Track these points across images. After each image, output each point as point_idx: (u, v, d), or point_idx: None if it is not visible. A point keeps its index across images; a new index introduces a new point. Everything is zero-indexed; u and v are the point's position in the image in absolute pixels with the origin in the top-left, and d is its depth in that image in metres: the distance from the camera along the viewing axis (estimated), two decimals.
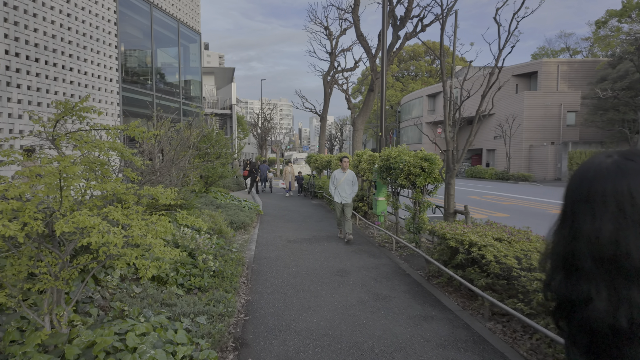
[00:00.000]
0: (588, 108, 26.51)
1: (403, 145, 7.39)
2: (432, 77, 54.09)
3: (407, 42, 10.40)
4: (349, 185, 7.26)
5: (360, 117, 11.25)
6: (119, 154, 2.87)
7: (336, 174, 7.44)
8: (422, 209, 6.47)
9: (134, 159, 2.89)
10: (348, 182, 7.27)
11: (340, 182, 7.25)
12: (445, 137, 5.34)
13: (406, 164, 6.32)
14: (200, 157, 9.97)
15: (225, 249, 5.68)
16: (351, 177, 7.32)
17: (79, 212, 1.82)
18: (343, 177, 7.29)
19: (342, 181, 7.25)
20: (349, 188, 7.25)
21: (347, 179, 7.28)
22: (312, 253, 6.28)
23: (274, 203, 13.50)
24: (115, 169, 3.90)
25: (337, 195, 7.29)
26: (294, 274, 5.14)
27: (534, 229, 4.66)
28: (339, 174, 7.40)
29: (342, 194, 7.23)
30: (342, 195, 7.23)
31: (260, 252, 6.27)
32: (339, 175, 7.36)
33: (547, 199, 14.58)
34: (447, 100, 5.38)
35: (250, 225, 8.43)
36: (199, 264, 4.40)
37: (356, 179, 7.38)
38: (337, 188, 7.27)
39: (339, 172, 7.47)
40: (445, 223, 5.09)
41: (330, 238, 7.48)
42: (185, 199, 6.33)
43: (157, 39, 15.52)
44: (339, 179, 7.31)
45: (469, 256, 4.17)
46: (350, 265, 5.60)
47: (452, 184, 5.27)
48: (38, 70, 9.53)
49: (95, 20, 11.57)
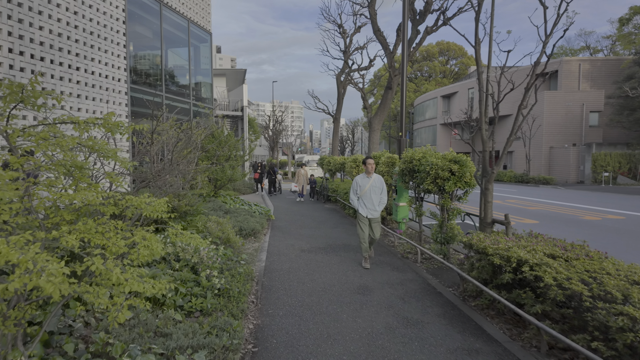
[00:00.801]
0: (613, 108, 25.32)
1: (427, 146, 6.75)
2: (446, 77, 53.04)
3: (427, 36, 9.77)
4: (377, 194, 5.68)
5: (376, 117, 10.63)
6: (103, 154, 2.34)
7: (359, 180, 5.78)
8: (451, 217, 5.82)
9: (118, 159, 2.35)
10: (375, 190, 5.66)
11: (364, 191, 5.65)
12: (481, 137, 4.69)
13: (433, 167, 5.68)
14: (208, 159, 9.50)
15: (232, 261, 5.12)
16: (379, 184, 5.71)
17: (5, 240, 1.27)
18: (368, 183, 5.66)
19: (368, 189, 5.65)
20: (376, 197, 5.68)
21: (374, 186, 5.66)
22: (329, 265, 5.68)
23: (286, 207, 12.95)
24: (98, 174, 3.39)
25: (362, 207, 5.69)
26: (310, 291, 4.54)
27: (576, 239, 3.98)
28: (363, 179, 5.77)
29: (369, 206, 5.65)
30: (369, 207, 5.65)
31: (271, 264, 5.70)
32: (363, 182, 5.74)
33: (576, 204, 13.67)
34: (482, 94, 4.74)
35: (261, 232, 7.89)
36: (202, 281, 3.85)
37: (385, 185, 5.77)
38: (362, 198, 5.69)
39: (362, 177, 5.80)
40: (482, 235, 4.43)
41: (347, 247, 6.87)
42: (191, 204, 5.82)
43: (167, 39, 15.19)
44: (363, 186, 5.70)
45: (518, 276, 3.52)
46: (372, 280, 4.98)
47: (490, 189, 4.61)
48: (43, 70, 9.20)
49: (104, 18, 11.24)
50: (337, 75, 17.07)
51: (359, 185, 5.76)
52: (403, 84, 7.49)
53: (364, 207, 5.70)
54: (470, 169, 5.55)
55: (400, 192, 7.44)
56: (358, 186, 5.77)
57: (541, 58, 4.22)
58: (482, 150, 4.71)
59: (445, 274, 5.36)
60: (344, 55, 16.09)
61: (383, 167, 8.58)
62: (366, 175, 5.79)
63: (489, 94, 4.64)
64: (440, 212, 5.88)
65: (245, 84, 28.50)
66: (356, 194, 5.79)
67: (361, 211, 5.68)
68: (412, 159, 6.44)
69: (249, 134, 27.75)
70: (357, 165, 12.24)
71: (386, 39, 10.26)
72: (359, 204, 5.73)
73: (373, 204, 5.66)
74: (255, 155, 49.61)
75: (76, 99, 10.00)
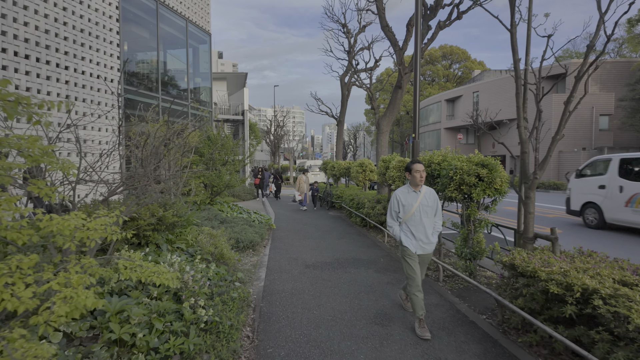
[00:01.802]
0: (625, 111, 24.56)
1: (447, 148, 6.03)
2: (449, 81, 52.46)
3: (439, 31, 9.08)
4: (429, 217, 3.73)
5: (385, 118, 9.92)
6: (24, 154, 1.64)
7: (400, 196, 3.78)
8: (478, 229, 5.07)
9: (50, 161, 1.64)
10: (427, 211, 3.73)
11: (411, 212, 3.69)
12: (519, 136, 3.96)
13: (457, 171, 4.95)
14: (204, 163, 8.79)
15: (226, 281, 4.38)
16: (431, 201, 3.77)
17: None
18: (416, 201, 3.70)
19: (416, 209, 3.69)
20: (429, 222, 3.73)
21: (425, 205, 3.73)
22: (338, 285, 4.92)
23: (287, 214, 12.20)
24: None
25: (408, 238, 3.73)
26: (317, 320, 3.79)
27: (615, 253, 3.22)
28: (407, 195, 3.77)
29: (419, 235, 3.69)
30: (419, 237, 3.69)
31: (271, 284, 4.94)
32: (407, 198, 3.75)
33: None
34: (520, 87, 4.01)
35: (260, 243, 7.14)
36: (184, 312, 3.11)
37: (439, 203, 3.87)
38: (407, 224, 3.73)
39: (405, 191, 3.80)
40: (525, 253, 3.68)
41: (356, 262, 6.11)
42: (179, 215, 5.08)
43: (163, 39, 14.57)
44: (408, 204, 3.72)
45: (584, 311, 2.77)
46: (390, 304, 4.22)
47: (531, 198, 3.87)
48: (28, 68, 8.54)
49: (95, 15, 10.60)
50: (341, 77, 16.40)
51: (402, 204, 3.73)
52: (416, 79, 6.78)
53: (411, 237, 3.70)
54: (501, 173, 4.82)
55: None
56: (400, 205, 3.74)
57: (596, 39, 3.50)
58: (521, 152, 3.98)
59: (474, 296, 4.60)
60: (348, 55, 15.42)
61: (394, 172, 7.85)
62: (412, 188, 3.75)
63: (530, 83, 3.92)
64: (465, 223, 5.13)
65: (246, 88, 27.92)
66: (397, 217, 3.79)
67: (408, 244, 3.70)
68: (431, 162, 5.71)
69: (250, 138, 27.09)
70: (364, 170, 11.52)
71: (395, 35, 9.59)
72: (403, 233, 3.76)
73: (425, 232, 3.67)
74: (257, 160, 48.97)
75: (65, 99, 9.33)
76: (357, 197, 10.46)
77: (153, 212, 4.51)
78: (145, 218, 4.31)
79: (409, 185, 3.80)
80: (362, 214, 9.48)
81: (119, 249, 4.09)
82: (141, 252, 4.04)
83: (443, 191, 5.25)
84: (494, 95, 33.34)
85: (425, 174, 3.88)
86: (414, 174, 3.74)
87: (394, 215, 3.85)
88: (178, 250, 4.95)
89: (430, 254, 3.86)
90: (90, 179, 3.20)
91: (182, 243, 5.13)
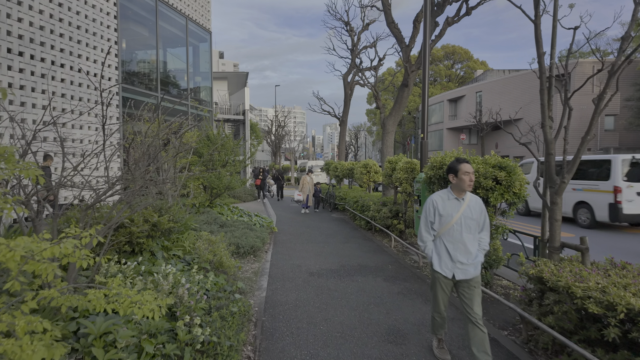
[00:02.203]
0: (632, 111, 24.21)
1: (459, 149, 5.71)
2: (452, 81, 52.11)
3: (447, 28, 8.76)
4: (472, 231, 2.91)
5: (391, 118, 9.59)
6: None
7: (438, 203, 2.96)
8: (495, 235, 4.75)
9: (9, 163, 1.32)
10: (470, 225, 2.90)
11: (450, 224, 2.89)
12: (545, 136, 3.64)
13: None
14: (203, 165, 8.48)
15: (225, 293, 4.06)
16: (476, 213, 2.93)
17: None
18: (458, 210, 2.90)
19: (457, 221, 2.89)
20: (471, 238, 2.90)
21: (469, 217, 2.90)
22: (345, 295, 4.60)
23: (289, 217, 11.87)
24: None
25: (440, 258, 2.95)
26: (324, 337, 3.47)
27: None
28: (447, 202, 2.95)
29: (456, 254, 2.89)
30: (455, 256, 2.89)
31: (274, 294, 4.62)
32: (447, 207, 2.94)
33: None
34: (544, 83, 3.69)
35: (262, 248, 6.82)
36: (179, 332, 2.79)
37: (487, 214, 3.01)
38: (443, 238, 2.94)
39: (444, 197, 2.98)
40: (554, 265, 3.36)
41: (363, 269, 5.79)
42: (176, 220, 4.77)
43: (163, 37, 14.27)
44: (447, 214, 2.91)
45: (632, 334, 2.44)
46: (402, 318, 3.90)
47: (558, 204, 3.54)
48: (22, 66, 8.24)
49: (92, 12, 10.31)
50: (344, 76, 16.08)
51: (439, 212, 2.91)
52: (425, 76, 6.46)
53: (446, 258, 2.90)
54: (520, 176, 4.51)
55: None
56: (436, 214, 2.93)
57: (631, 29, 3.18)
58: (546, 154, 3.65)
59: (492, 308, 4.28)
60: (351, 53, 15.11)
61: (401, 173, 7.53)
62: (453, 194, 2.92)
63: (556, 76, 3.59)
64: None
65: (247, 87, 27.61)
66: (431, 228, 2.98)
67: (439, 267, 2.91)
68: (443, 164, 5.38)
69: (251, 138, 26.79)
70: (368, 172, 11.19)
71: (401, 32, 9.27)
72: (436, 251, 2.96)
73: (466, 251, 2.85)
74: (257, 161, 48.67)
75: (60, 98, 9.03)
76: (361, 199, 10.13)
77: (147, 218, 4.19)
78: (139, 224, 3.99)
79: (450, 191, 2.95)
80: (367, 216, 9.15)
81: (109, 259, 3.77)
82: (133, 262, 3.73)
83: None
84: (497, 95, 33.00)
85: (471, 177, 2.88)
86: (461, 176, 2.84)
87: (429, 227, 2.97)
88: (174, 258, 4.63)
89: (477, 278, 2.86)
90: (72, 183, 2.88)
91: (179, 250, 4.82)
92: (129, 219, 3.89)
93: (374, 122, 58.75)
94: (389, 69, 51.79)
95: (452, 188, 2.96)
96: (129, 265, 3.52)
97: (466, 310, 2.84)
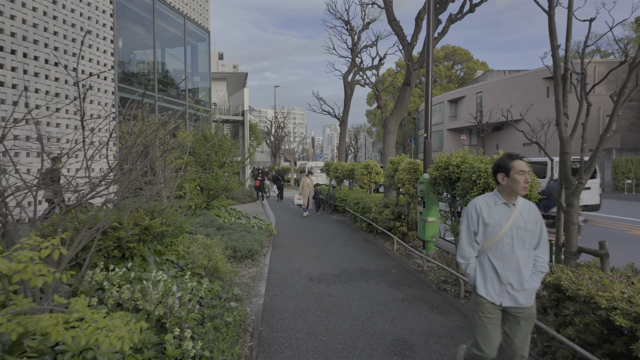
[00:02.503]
0: (634, 112, 24.04)
1: (465, 149, 5.49)
2: (452, 82, 51.97)
3: (450, 25, 8.56)
4: (526, 247, 2.27)
5: (392, 117, 9.37)
6: None
7: (482, 207, 2.34)
8: None
9: None
10: (524, 237, 2.26)
11: (499, 235, 2.26)
12: (559, 134, 3.42)
13: (481, 175, 4.41)
14: (200, 165, 8.25)
15: (220, 300, 3.84)
16: (533, 223, 2.29)
17: None
18: (509, 219, 2.27)
19: (507, 232, 2.26)
20: (525, 255, 2.26)
21: (522, 228, 2.27)
22: (347, 303, 4.37)
23: (288, 218, 11.64)
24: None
25: (484, 279, 2.31)
26: (326, 349, 3.23)
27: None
28: (494, 207, 2.32)
29: (506, 274, 2.24)
30: (506, 276, 2.24)
31: (272, 301, 4.39)
32: (495, 213, 2.31)
33: (610, 215, 12.30)
34: (559, 77, 3.47)
35: (260, 251, 6.58)
36: (167, 347, 2.56)
37: (544, 225, 2.34)
38: (489, 253, 2.30)
39: (491, 201, 2.35)
40: (572, 272, 3.13)
41: (365, 274, 5.56)
42: (169, 223, 4.54)
43: (160, 36, 14.06)
44: (495, 224, 2.29)
45: None
46: (408, 328, 3.67)
47: (575, 206, 3.32)
48: (15, 64, 8.03)
49: (88, 9, 10.10)
50: (344, 75, 15.87)
51: (484, 220, 2.32)
52: (429, 73, 6.24)
53: (493, 279, 2.29)
54: (532, 178, 4.28)
55: (430, 205, 6.15)
56: (480, 223, 2.33)
57: None
58: (561, 153, 3.44)
59: None
60: (351, 53, 14.91)
61: (404, 174, 7.31)
62: (502, 199, 2.32)
63: (574, 72, 3.38)
64: None
65: (247, 88, 27.41)
66: (474, 241, 2.36)
67: (484, 291, 2.29)
68: (449, 164, 5.16)
69: (250, 139, 26.57)
70: (369, 172, 10.97)
71: (403, 30, 9.07)
72: (480, 271, 2.34)
73: (519, 271, 2.24)
74: (257, 162, 48.43)
75: (54, 97, 8.82)
76: (362, 200, 9.91)
77: (137, 221, 3.96)
78: (128, 228, 3.76)
79: (498, 194, 2.33)
80: (369, 218, 8.93)
81: (95, 264, 3.54)
82: (122, 268, 3.50)
83: (464, 197, 4.71)
84: (498, 96, 32.82)
85: (530, 180, 2.42)
86: (514, 176, 2.23)
87: (473, 239, 2.34)
88: (167, 263, 4.41)
89: (530, 309, 2.25)
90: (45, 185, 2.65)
91: (173, 254, 4.59)
92: (117, 222, 3.66)
93: (373, 123, 58.60)
94: (388, 69, 51.67)
95: (499, 191, 2.34)
96: (117, 272, 3.29)
97: (509, 347, 2.28)
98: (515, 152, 2.40)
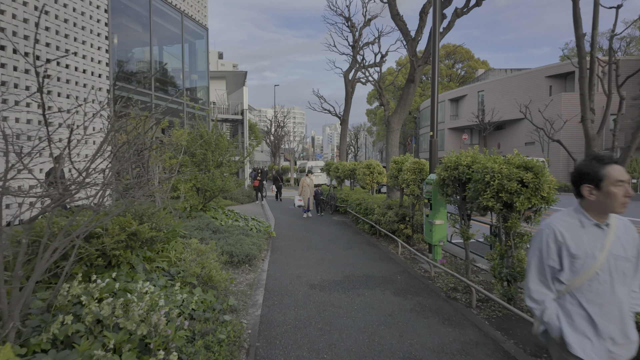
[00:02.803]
0: (639, 110, 23.71)
1: (475, 147, 5.18)
2: (452, 81, 51.65)
3: (456, 19, 8.25)
4: (627, 282, 1.65)
5: (396, 115, 9.06)
6: None
7: (565, 233, 1.67)
8: (519, 244, 4.22)
9: None
10: (623, 269, 1.63)
11: (593, 270, 1.62)
12: (585, 131, 3.11)
13: (495, 175, 4.10)
14: (196, 165, 7.94)
15: (214, 312, 3.53)
16: (632, 249, 1.67)
17: None
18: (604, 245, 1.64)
19: (603, 263, 1.62)
20: (625, 293, 1.64)
21: (621, 255, 1.64)
22: (351, 313, 4.06)
23: (288, 220, 11.33)
24: None
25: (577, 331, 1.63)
26: None
27: None
28: (581, 230, 1.67)
29: (606, 323, 1.60)
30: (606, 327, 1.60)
31: (270, 312, 4.08)
32: (584, 239, 1.65)
33: None
34: (584, 69, 3.16)
35: (258, 256, 6.28)
36: None
37: None
38: (579, 295, 1.65)
39: (576, 223, 1.69)
40: None
41: (370, 280, 5.25)
42: (159, 228, 4.22)
43: (157, 33, 13.74)
44: (585, 253, 1.64)
45: None
46: (418, 344, 3.36)
47: None
48: (4, 60, 7.71)
49: (81, 5, 9.77)
50: (345, 73, 15.57)
51: (569, 251, 1.66)
52: (435, 69, 5.93)
53: (590, 331, 1.63)
54: (549, 178, 3.99)
55: (437, 207, 5.84)
56: (565, 255, 1.68)
57: None
58: (587, 151, 3.12)
59: (518, 328, 3.74)
60: (352, 50, 14.60)
61: (408, 174, 7.00)
62: (591, 219, 1.68)
63: (604, 62, 3.07)
64: (504, 238, 4.28)
65: (246, 87, 27.08)
66: (551, 278, 1.72)
67: (582, 351, 1.61)
68: (458, 164, 4.85)
69: (250, 139, 26.25)
70: (372, 172, 10.66)
71: (406, 25, 8.75)
72: (567, 319, 1.67)
73: (622, 318, 1.62)
74: (257, 161, 48.11)
75: (46, 95, 8.49)
76: (364, 201, 9.60)
77: (124, 226, 3.65)
78: (113, 234, 3.45)
79: (583, 212, 1.70)
80: (372, 220, 8.62)
81: (76, 273, 3.23)
82: (106, 278, 3.19)
83: (476, 199, 4.39)
84: (500, 95, 32.51)
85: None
86: (610, 189, 1.60)
87: (548, 276, 1.72)
88: (158, 271, 4.09)
89: None
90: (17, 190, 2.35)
91: (164, 262, 4.28)
92: (100, 227, 3.35)
93: (374, 122, 58.28)
94: (389, 68, 51.36)
95: (585, 207, 1.70)
96: (99, 284, 2.98)
97: None
98: (513, 151, 2.07)
